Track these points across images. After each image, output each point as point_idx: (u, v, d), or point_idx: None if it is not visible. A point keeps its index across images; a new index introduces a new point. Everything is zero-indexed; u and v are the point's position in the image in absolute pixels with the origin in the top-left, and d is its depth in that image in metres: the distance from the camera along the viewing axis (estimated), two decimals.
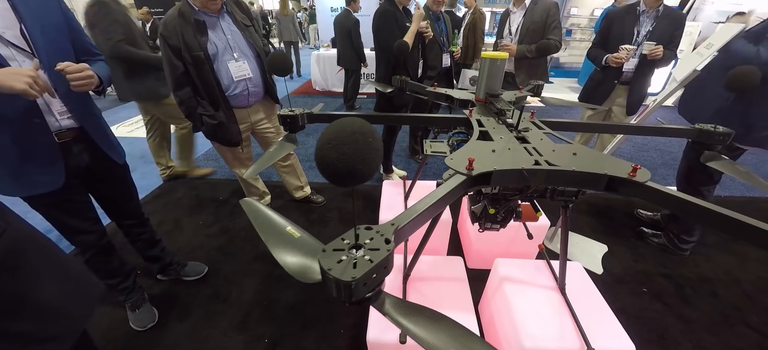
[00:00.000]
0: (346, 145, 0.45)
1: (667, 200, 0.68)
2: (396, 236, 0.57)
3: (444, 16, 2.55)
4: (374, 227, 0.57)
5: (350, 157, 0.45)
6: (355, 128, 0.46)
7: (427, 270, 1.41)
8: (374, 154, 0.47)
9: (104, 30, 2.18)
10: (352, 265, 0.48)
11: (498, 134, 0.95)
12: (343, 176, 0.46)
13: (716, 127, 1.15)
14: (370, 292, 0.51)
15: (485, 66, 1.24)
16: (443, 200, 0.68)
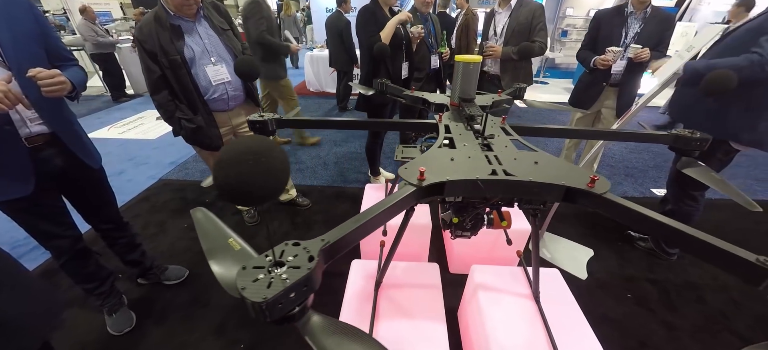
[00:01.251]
0: (233, 166, 0.43)
1: (624, 213, 0.65)
2: (329, 251, 0.55)
3: (432, 17, 2.52)
4: (303, 243, 0.55)
5: (240, 178, 0.43)
6: (244, 149, 0.44)
7: (401, 276, 1.39)
8: (267, 174, 0.44)
9: (255, 22, 2.79)
10: (266, 285, 0.46)
11: (463, 141, 0.92)
12: (236, 197, 0.44)
13: (694, 132, 1.12)
14: (291, 311, 0.49)
15: (459, 70, 1.22)
16: (389, 211, 0.65)
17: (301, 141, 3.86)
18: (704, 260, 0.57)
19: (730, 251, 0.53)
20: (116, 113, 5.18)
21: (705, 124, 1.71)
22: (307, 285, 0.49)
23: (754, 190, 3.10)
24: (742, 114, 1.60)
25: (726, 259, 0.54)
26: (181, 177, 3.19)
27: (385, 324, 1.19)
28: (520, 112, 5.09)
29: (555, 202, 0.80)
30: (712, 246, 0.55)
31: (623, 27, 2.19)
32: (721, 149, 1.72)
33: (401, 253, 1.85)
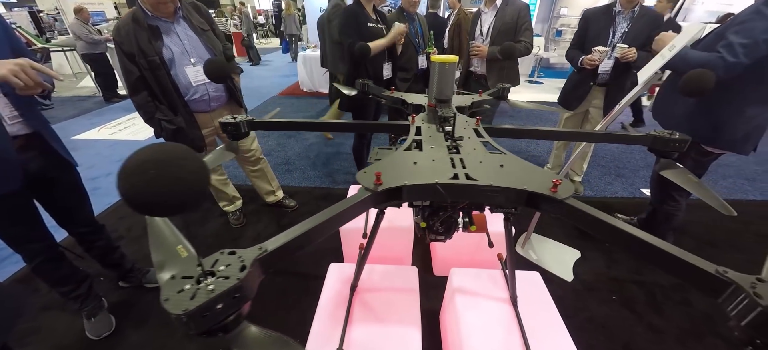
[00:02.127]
0: (136, 175, 0.40)
1: (584, 219, 0.63)
2: (267, 260, 0.53)
3: (419, 17, 2.50)
4: (239, 252, 0.52)
5: (144, 188, 0.40)
6: (147, 158, 0.42)
7: (378, 280, 1.37)
8: (175, 182, 0.42)
9: (337, 24, 2.85)
10: (190, 295, 0.44)
11: (431, 143, 0.90)
12: (142, 208, 0.42)
13: (672, 133, 1.10)
14: (220, 323, 0.46)
15: (435, 70, 1.19)
16: (340, 217, 0.63)
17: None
18: (664, 271, 0.55)
19: (690, 261, 0.51)
20: (107, 114, 5.14)
21: (681, 125, 1.70)
22: (237, 296, 0.47)
23: (744, 190, 3.09)
24: (710, 116, 1.59)
25: (685, 270, 0.52)
26: None
27: (358, 328, 1.17)
28: (514, 113, 5.07)
29: (518, 207, 0.78)
30: (672, 256, 0.53)
31: (611, 26, 2.18)
32: (694, 150, 1.71)
33: (384, 256, 1.85)
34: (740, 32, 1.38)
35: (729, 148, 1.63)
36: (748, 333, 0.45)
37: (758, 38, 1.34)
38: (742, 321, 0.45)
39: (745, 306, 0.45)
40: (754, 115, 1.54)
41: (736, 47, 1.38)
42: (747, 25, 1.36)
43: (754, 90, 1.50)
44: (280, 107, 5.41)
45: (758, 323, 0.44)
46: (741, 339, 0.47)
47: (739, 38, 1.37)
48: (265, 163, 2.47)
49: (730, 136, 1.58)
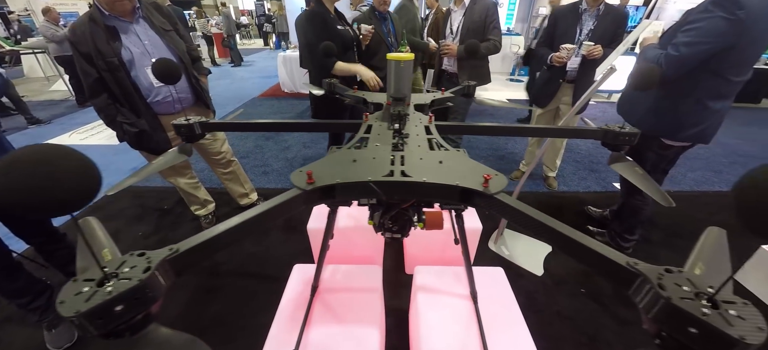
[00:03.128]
0: (5, 176, 0.39)
1: (512, 213, 0.63)
2: (178, 261, 0.52)
3: (392, 16, 2.50)
4: (149, 253, 0.51)
5: (14, 188, 0.39)
6: (17, 158, 0.40)
7: (341, 280, 1.36)
8: (51, 183, 0.40)
9: (406, 22, 3.11)
10: (86, 297, 0.42)
11: (377, 141, 0.90)
12: (14, 208, 0.40)
13: (622, 127, 1.12)
14: (127, 325, 0.45)
15: (391, 68, 1.19)
16: (267, 216, 0.62)
17: None
18: (581, 262, 0.56)
19: (603, 253, 0.51)
20: (80, 117, 4.99)
21: (643, 120, 1.74)
22: (138, 298, 0.46)
23: (711, 181, 3.19)
24: (671, 111, 1.63)
25: (600, 262, 0.52)
26: (142, 184, 3.07)
27: (316, 328, 1.15)
28: (493, 110, 5.13)
29: (453, 202, 0.78)
30: (586, 247, 0.53)
31: (578, 24, 2.22)
32: (656, 144, 1.75)
33: (354, 256, 1.84)
34: (687, 31, 1.42)
35: (690, 139, 1.68)
36: (654, 326, 0.45)
37: (702, 38, 1.38)
38: (648, 313, 0.45)
39: (650, 298, 0.45)
40: (714, 109, 1.59)
41: (679, 46, 1.42)
42: (694, 24, 1.41)
43: (712, 85, 1.54)
44: (260, 109, 5.35)
45: (663, 315, 0.43)
46: (649, 332, 0.47)
47: (685, 37, 1.41)
48: (238, 165, 2.43)
49: (690, 130, 1.63)
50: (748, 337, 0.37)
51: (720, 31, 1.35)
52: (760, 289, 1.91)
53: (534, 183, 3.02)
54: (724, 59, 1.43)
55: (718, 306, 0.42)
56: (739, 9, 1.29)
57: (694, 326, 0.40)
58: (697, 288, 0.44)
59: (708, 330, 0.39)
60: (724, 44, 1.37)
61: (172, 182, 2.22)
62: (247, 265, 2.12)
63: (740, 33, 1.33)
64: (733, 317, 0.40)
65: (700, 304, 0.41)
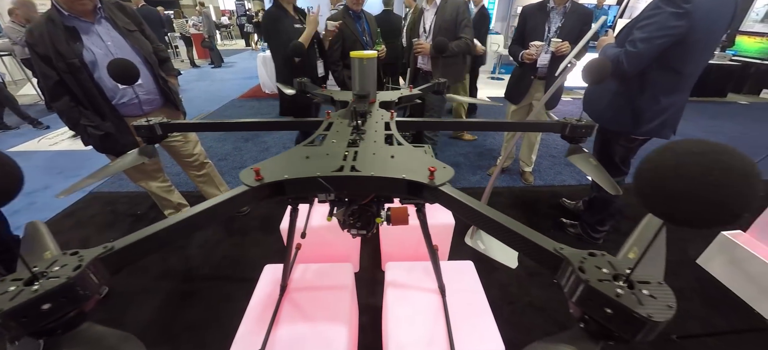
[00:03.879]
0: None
1: (455, 205, 0.65)
2: (112, 260, 0.51)
3: (366, 15, 2.50)
4: (82, 252, 0.50)
5: None
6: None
7: (311, 279, 1.36)
8: None
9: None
10: (11, 296, 0.41)
11: (334, 138, 0.90)
12: None
13: (580, 120, 1.16)
14: (58, 322, 0.44)
15: (355, 66, 1.20)
16: (210, 213, 0.62)
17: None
18: (515, 249, 0.57)
19: (533, 240, 0.53)
20: (50, 122, 4.79)
21: (605, 115, 1.81)
22: (68, 296, 0.45)
23: None
24: (630, 106, 1.69)
25: (529, 248, 0.54)
26: (114, 190, 2.99)
27: (284, 328, 1.15)
28: None
29: (401, 196, 0.79)
30: (518, 235, 0.55)
31: (546, 22, 2.27)
32: (623, 137, 1.82)
33: (330, 255, 1.84)
34: (641, 28, 1.48)
35: (650, 134, 1.74)
36: (578, 309, 0.46)
37: (656, 32, 1.44)
38: (571, 297, 0.46)
39: (573, 282, 0.46)
40: (669, 103, 1.66)
41: (637, 42, 1.48)
42: (647, 20, 1.47)
43: (665, 79, 1.61)
44: (240, 110, 5.27)
45: (583, 298, 0.44)
46: (574, 315, 0.48)
47: (641, 33, 1.47)
48: (211, 167, 2.38)
49: (649, 123, 1.69)
50: (656, 315, 0.39)
51: (670, 25, 1.41)
52: (721, 273, 2.00)
53: (511, 178, 3.08)
54: (675, 53, 1.50)
55: (634, 286, 0.43)
56: (686, 2, 1.36)
57: (609, 306, 0.42)
58: (616, 270, 0.46)
59: (620, 309, 0.41)
60: (676, 37, 1.44)
61: (143, 186, 2.17)
62: (222, 268, 2.09)
63: (688, 26, 1.40)
64: (645, 296, 0.41)
65: (616, 285, 0.43)
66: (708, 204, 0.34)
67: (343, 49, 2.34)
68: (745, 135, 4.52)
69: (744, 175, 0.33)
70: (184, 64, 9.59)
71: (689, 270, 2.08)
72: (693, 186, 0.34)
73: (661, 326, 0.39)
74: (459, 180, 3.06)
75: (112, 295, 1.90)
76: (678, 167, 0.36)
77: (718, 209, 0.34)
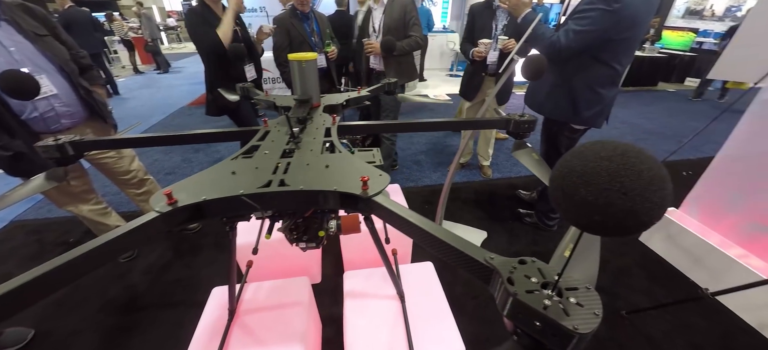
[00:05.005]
0: None
1: (388, 216, 0.61)
2: None
3: (316, 14, 2.42)
4: None
5: None
6: None
7: (264, 298, 1.27)
8: None
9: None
10: None
11: (267, 148, 0.83)
12: None
13: (523, 115, 1.18)
14: None
15: (294, 69, 1.13)
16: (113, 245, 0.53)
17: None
18: (448, 261, 0.54)
19: (463, 251, 0.50)
20: None
21: (544, 106, 1.89)
22: None
23: None
24: (567, 97, 1.79)
25: (461, 259, 0.51)
26: (41, 216, 2.65)
27: None
28: (433, 106, 5.28)
29: (335, 209, 0.74)
30: (451, 247, 0.52)
31: (493, 19, 2.33)
32: (566, 128, 1.91)
33: (289, 269, 1.75)
34: (577, 20, 1.55)
35: (585, 123, 1.85)
36: (510, 322, 0.44)
37: (588, 26, 1.52)
38: (503, 311, 0.43)
39: (503, 295, 0.43)
40: (604, 94, 1.76)
41: (570, 33, 1.56)
42: (582, 14, 1.54)
43: (600, 72, 1.70)
44: (189, 118, 4.93)
45: (513, 311, 0.42)
46: (508, 328, 0.45)
47: (575, 25, 1.55)
48: (153, 183, 2.18)
49: (585, 112, 1.78)
50: (581, 327, 0.37)
51: (601, 20, 1.49)
52: (661, 248, 2.17)
53: (471, 173, 3.15)
54: (609, 48, 1.59)
55: (562, 294, 0.42)
56: (616, 2, 1.44)
57: (537, 319, 0.40)
58: (545, 277, 0.44)
59: (548, 322, 0.39)
60: (606, 33, 1.52)
61: (71, 211, 1.93)
62: (172, 293, 1.92)
63: (617, 22, 1.49)
64: (572, 306, 0.40)
65: (544, 295, 0.41)
66: (618, 213, 0.32)
67: (290, 51, 2.25)
68: (673, 118, 5.00)
69: (650, 181, 0.32)
70: (126, 71, 8.83)
71: (634, 249, 2.24)
72: (601, 194, 0.33)
73: (588, 337, 0.37)
74: (421, 178, 3.07)
75: (39, 338, 1.67)
76: (586, 174, 0.34)
77: (628, 217, 0.32)
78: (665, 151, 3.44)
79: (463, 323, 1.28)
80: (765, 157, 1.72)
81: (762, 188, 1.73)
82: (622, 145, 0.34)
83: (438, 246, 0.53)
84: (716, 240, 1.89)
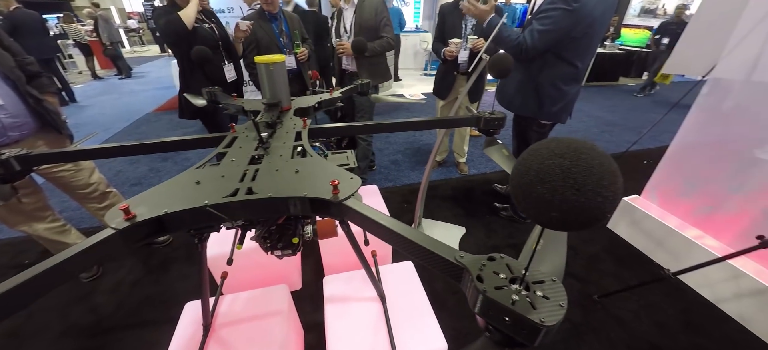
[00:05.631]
0: None
1: (359, 219, 0.59)
2: None
3: (286, 14, 2.37)
4: None
5: None
6: None
7: (240, 310, 1.23)
8: None
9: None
10: None
11: (234, 155, 0.80)
12: None
13: (492, 112, 1.21)
14: None
15: (261, 72, 1.09)
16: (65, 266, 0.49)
17: None
18: (421, 262, 0.54)
19: (434, 251, 0.50)
20: None
21: (514, 103, 1.95)
22: None
23: None
24: (535, 94, 1.86)
25: (432, 259, 0.51)
26: None
27: None
28: (409, 106, 5.31)
29: (306, 215, 0.73)
30: (422, 247, 0.51)
31: (462, 19, 2.37)
32: (535, 124, 1.98)
33: (268, 278, 1.70)
34: (540, 20, 1.62)
35: (550, 118, 1.93)
36: (481, 319, 0.44)
37: (550, 26, 1.59)
38: (474, 309, 0.44)
39: (473, 293, 0.44)
40: (568, 90, 1.84)
41: (534, 32, 1.62)
42: (545, 14, 1.60)
43: (564, 70, 1.78)
44: (156, 125, 4.69)
45: (483, 309, 0.42)
46: (480, 325, 0.46)
47: (539, 25, 1.61)
48: (117, 196, 2.06)
49: (551, 108, 1.86)
50: (547, 320, 0.38)
51: (562, 19, 1.56)
52: (627, 233, 2.29)
53: (448, 170, 3.20)
54: (571, 47, 1.67)
55: (529, 287, 0.43)
56: (575, 2, 1.51)
57: (506, 315, 0.40)
58: (513, 273, 0.44)
59: (516, 317, 0.39)
60: (566, 32, 1.60)
61: (25, 231, 1.78)
62: (141, 312, 1.81)
63: (577, 21, 1.56)
64: (539, 299, 0.40)
65: (512, 291, 0.41)
66: (572, 209, 0.34)
67: (258, 53, 2.19)
68: (634, 110, 5.31)
69: (601, 176, 0.33)
70: (83, 77, 8.28)
71: (602, 235, 2.35)
72: (557, 192, 0.34)
73: (554, 328, 0.38)
74: (399, 178, 3.08)
75: None
76: (541, 172, 0.35)
77: (583, 212, 0.34)
78: (627, 141, 3.65)
79: (445, 319, 1.30)
80: (710, 146, 1.86)
81: (710, 174, 1.87)
82: (575, 143, 0.35)
83: (410, 248, 0.53)
84: (675, 223, 2.02)
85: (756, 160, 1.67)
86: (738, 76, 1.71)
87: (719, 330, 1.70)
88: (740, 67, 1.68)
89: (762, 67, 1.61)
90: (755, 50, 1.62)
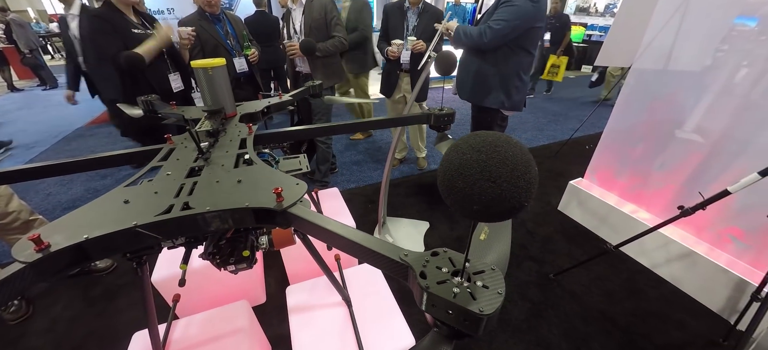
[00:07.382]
0: None
1: (308, 227, 0.57)
2: None
3: (229, 16, 2.25)
4: None
5: None
6: None
7: (197, 333, 1.15)
8: None
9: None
10: None
11: (170, 169, 0.74)
12: None
13: (442, 108, 1.23)
14: None
15: (199, 77, 1.03)
16: None
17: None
18: (369, 263, 0.53)
19: (379, 252, 0.50)
20: None
21: (476, 94, 2.03)
22: None
23: (538, 138, 4.01)
24: (498, 85, 1.95)
25: (379, 260, 0.51)
26: None
27: None
28: None
29: (251, 226, 0.70)
30: (367, 249, 0.51)
31: (404, 20, 2.41)
32: (498, 116, 2.07)
33: (225, 294, 1.60)
34: (502, 11, 1.71)
35: (514, 107, 2.02)
36: (429, 315, 0.44)
37: (513, 17, 1.69)
38: (420, 305, 0.44)
39: (418, 290, 0.44)
40: (527, 80, 1.98)
41: (493, 27, 1.70)
42: (507, 6, 1.70)
43: (524, 60, 1.90)
44: (91, 141, 4.25)
45: (429, 304, 0.43)
46: (429, 322, 0.46)
47: (501, 16, 1.71)
48: (43, 223, 1.83)
49: (515, 98, 1.98)
50: (486, 309, 0.39)
51: (525, 11, 1.66)
52: (575, 214, 2.47)
53: (408, 167, 3.24)
54: (530, 36, 1.79)
55: (471, 278, 0.44)
56: None
57: (449, 308, 0.41)
58: (455, 266, 0.46)
59: (457, 309, 0.40)
60: (527, 22, 1.70)
61: None
62: (86, 348, 1.63)
63: (538, 10, 1.68)
64: (479, 289, 0.42)
65: (454, 284, 0.42)
66: (491, 200, 0.35)
67: (203, 56, 2.06)
68: (576, 101, 5.76)
69: (514, 167, 0.35)
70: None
71: (554, 218, 2.51)
72: (475, 185, 0.35)
73: (495, 316, 0.39)
74: (362, 178, 3.07)
75: None
76: (462, 166, 0.36)
77: (500, 202, 0.35)
78: (570, 129, 3.95)
79: (413, 314, 1.31)
80: (636, 130, 2.07)
81: (638, 155, 2.07)
82: (492, 136, 0.37)
83: (357, 251, 0.53)
84: (614, 200, 2.22)
85: (675, 139, 1.88)
86: (656, 66, 1.91)
87: (657, 291, 1.89)
88: (657, 58, 1.88)
89: (675, 57, 1.82)
90: (668, 42, 1.82)
